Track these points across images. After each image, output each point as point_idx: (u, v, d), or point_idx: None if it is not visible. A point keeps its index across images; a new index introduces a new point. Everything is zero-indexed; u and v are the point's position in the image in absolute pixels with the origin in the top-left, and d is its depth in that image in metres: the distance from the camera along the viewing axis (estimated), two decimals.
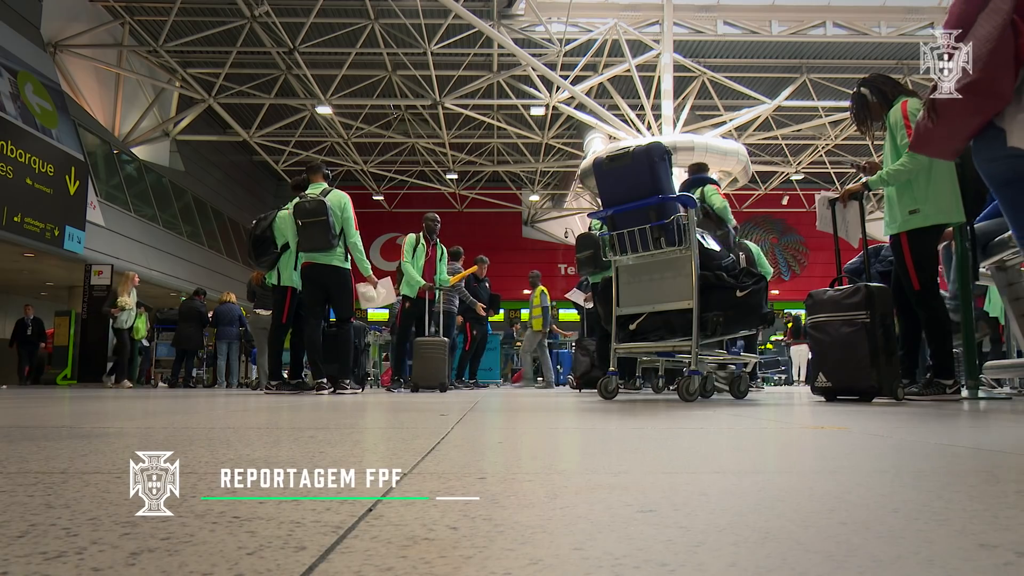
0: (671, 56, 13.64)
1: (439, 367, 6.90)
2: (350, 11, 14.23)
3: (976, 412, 2.81)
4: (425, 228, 7.51)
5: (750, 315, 4.12)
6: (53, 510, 0.71)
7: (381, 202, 23.18)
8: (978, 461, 1.22)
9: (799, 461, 1.31)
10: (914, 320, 3.90)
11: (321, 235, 5.45)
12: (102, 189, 13.74)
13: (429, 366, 6.83)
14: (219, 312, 11.21)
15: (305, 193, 5.66)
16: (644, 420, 2.36)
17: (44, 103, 11.94)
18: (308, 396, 5.03)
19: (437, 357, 6.91)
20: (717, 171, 14.00)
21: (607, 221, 4.31)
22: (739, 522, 0.66)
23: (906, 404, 3.33)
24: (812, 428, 1.98)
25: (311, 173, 5.89)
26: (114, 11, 14.41)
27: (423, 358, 6.86)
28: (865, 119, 3.94)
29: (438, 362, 6.89)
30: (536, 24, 14.36)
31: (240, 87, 16.18)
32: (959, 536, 0.61)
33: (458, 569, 0.50)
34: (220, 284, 16.51)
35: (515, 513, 0.71)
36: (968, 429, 2.04)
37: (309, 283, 5.68)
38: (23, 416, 2.45)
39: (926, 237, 3.70)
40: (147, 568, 0.50)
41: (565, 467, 1.11)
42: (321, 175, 5.85)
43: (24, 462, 1.11)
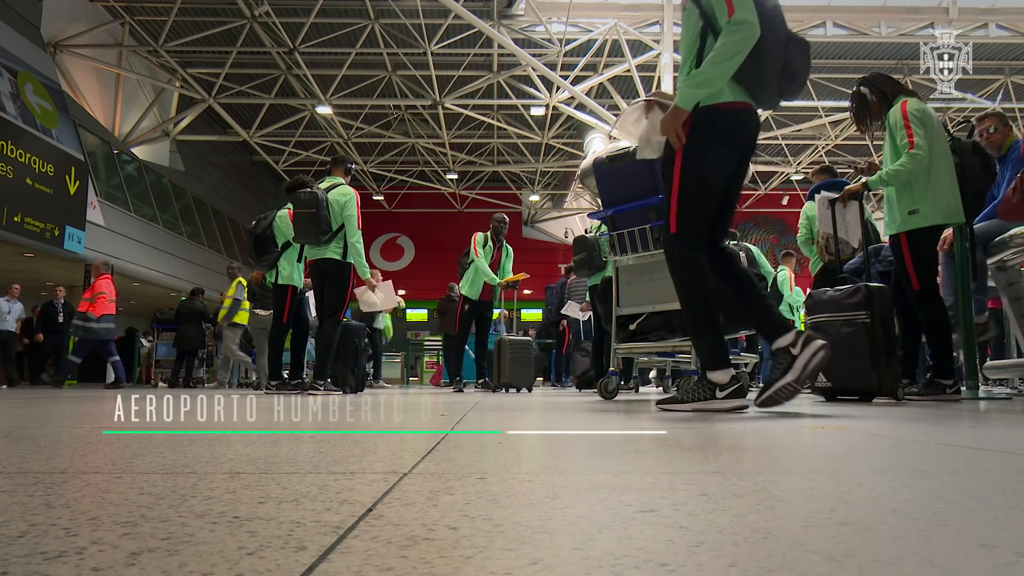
0: (671, 56, 13.63)
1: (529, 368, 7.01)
2: (350, 11, 14.23)
3: (976, 412, 2.81)
4: (492, 229, 7.41)
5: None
6: (53, 510, 0.71)
7: (381, 202, 23.19)
8: (978, 461, 1.22)
9: (799, 461, 1.31)
10: (914, 320, 3.90)
11: (310, 228, 5.24)
12: (102, 189, 13.73)
13: (521, 367, 6.87)
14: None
15: (308, 186, 5.58)
16: (644, 420, 2.36)
17: (44, 103, 11.94)
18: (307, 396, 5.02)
19: (527, 357, 7.01)
20: None
21: (607, 221, 4.32)
22: (739, 522, 0.66)
23: (906, 404, 3.33)
24: (812, 428, 1.98)
25: (333, 166, 5.75)
26: (114, 11, 14.41)
27: (516, 359, 6.87)
28: (864, 118, 3.94)
29: (528, 362, 6.99)
30: (536, 24, 14.36)
31: (240, 87, 16.19)
32: (959, 536, 0.61)
33: (458, 569, 0.50)
34: (220, 284, 16.48)
35: (515, 513, 0.71)
36: (968, 429, 2.04)
37: (314, 280, 5.58)
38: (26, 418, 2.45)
39: (926, 237, 3.71)
40: (147, 568, 0.50)
41: (565, 467, 1.11)
42: (343, 170, 5.71)
43: (24, 462, 1.11)
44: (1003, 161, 4.14)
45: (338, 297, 5.47)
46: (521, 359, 6.92)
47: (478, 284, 7.30)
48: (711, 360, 2.51)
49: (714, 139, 2.42)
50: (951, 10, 14.14)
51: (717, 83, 2.35)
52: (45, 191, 11.48)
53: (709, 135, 2.41)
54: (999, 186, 4.10)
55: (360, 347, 6.38)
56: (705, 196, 2.45)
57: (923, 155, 3.57)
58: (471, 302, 7.29)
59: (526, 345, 7.06)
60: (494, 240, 7.40)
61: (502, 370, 6.84)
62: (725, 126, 2.42)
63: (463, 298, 7.32)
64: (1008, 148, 4.17)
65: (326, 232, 5.30)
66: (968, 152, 3.81)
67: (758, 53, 2.33)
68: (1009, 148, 4.16)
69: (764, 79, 2.41)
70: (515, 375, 6.87)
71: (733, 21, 2.30)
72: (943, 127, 3.84)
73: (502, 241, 7.48)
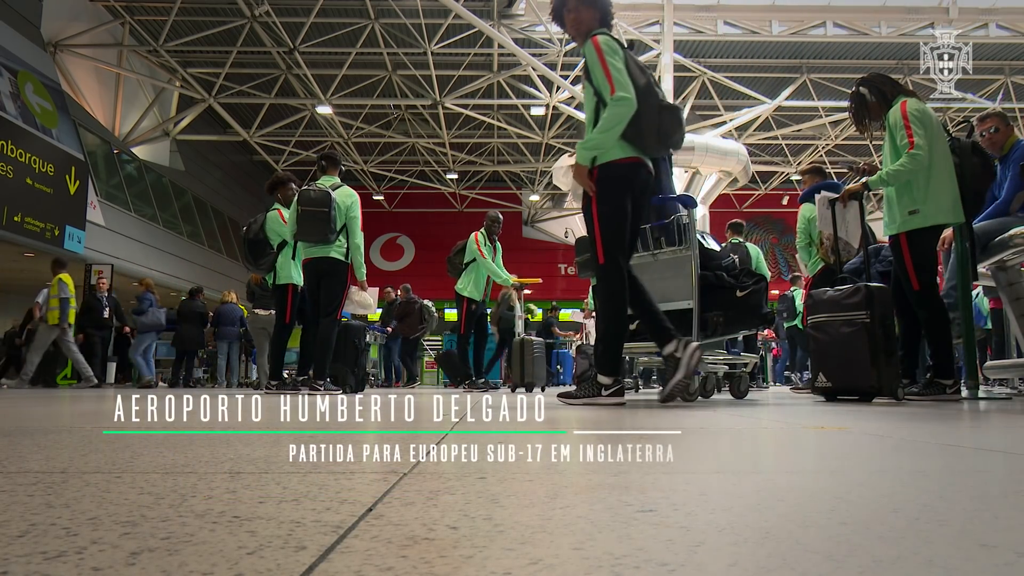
0: (671, 56, 13.64)
1: (543, 367, 7.17)
2: (350, 11, 14.23)
3: (976, 412, 2.81)
4: (486, 228, 7.40)
5: (750, 315, 4.13)
6: (53, 510, 0.71)
7: (381, 202, 23.19)
8: (978, 461, 1.22)
9: (799, 461, 1.31)
10: (914, 320, 3.90)
11: (320, 227, 5.22)
12: (102, 189, 13.73)
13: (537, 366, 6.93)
14: (221, 312, 11.21)
15: (312, 183, 5.55)
16: (644, 420, 2.36)
17: (44, 103, 11.94)
18: (308, 396, 5.01)
19: (543, 357, 7.22)
20: (717, 171, 14.01)
21: None
22: (739, 522, 0.66)
23: (906, 404, 3.33)
24: (812, 428, 1.98)
25: (329, 164, 5.70)
26: (114, 11, 14.40)
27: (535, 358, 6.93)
28: (864, 118, 3.94)
29: (542, 362, 7.10)
30: (536, 24, 14.36)
31: (240, 87, 16.19)
32: (959, 536, 0.61)
33: (458, 569, 0.50)
34: (220, 284, 16.49)
35: (515, 513, 0.71)
36: (968, 429, 2.04)
37: (310, 278, 5.53)
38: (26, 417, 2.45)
39: (926, 237, 3.70)
40: (147, 568, 0.50)
41: (565, 467, 1.11)
42: (337, 169, 5.70)
43: (24, 462, 1.11)
44: (1004, 161, 4.14)
45: (336, 296, 5.46)
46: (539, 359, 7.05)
47: (482, 284, 7.28)
48: (604, 366, 3.13)
49: (615, 186, 3.08)
50: (951, 10, 14.14)
51: (604, 146, 3.04)
52: (45, 191, 11.47)
53: (611, 183, 3.08)
54: (999, 186, 4.09)
55: (360, 347, 6.36)
56: (618, 228, 3.09)
57: (923, 155, 3.57)
58: (476, 302, 7.28)
59: (542, 345, 7.20)
60: (489, 240, 7.41)
61: (525, 369, 6.87)
62: (622, 175, 3.09)
63: (467, 299, 7.31)
64: (1009, 148, 4.17)
65: (334, 231, 5.29)
66: (968, 152, 3.81)
67: (637, 120, 2.99)
68: (1011, 148, 4.16)
69: (645, 139, 3.06)
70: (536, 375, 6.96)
71: (615, 98, 2.95)
72: (943, 127, 3.84)
73: (495, 239, 7.50)
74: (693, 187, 13.64)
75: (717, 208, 16.50)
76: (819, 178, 5.94)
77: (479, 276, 7.25)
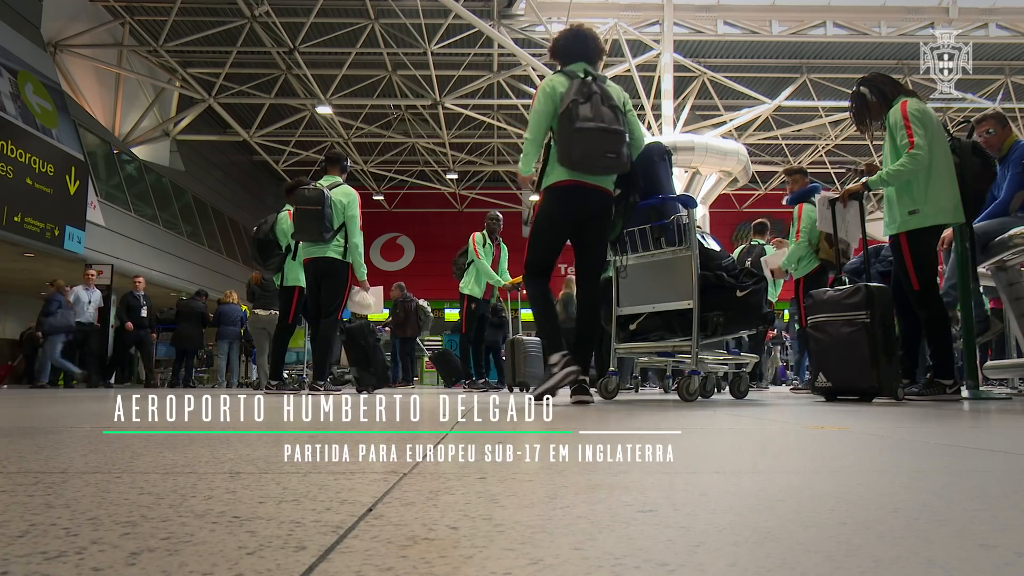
0: (671, 56, 13.64)
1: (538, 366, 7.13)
2: (350, 11, 14.23)
3: (976, 412, 2.81)
4: (487, 228, 7.42)
5: (750, 315, 4.12)
6: (53, 510, 0.71)
7: (381, 202, 23.17)
8: (978, 461, 1.22)
9: (799, 461, 1.31)
10: (914, 320, 3.90)
11: (313, 225, 5.19)
12: (102, 189, 13.73)
13: (530, 365, 6.93)
14: (222, 312, 11.21)
15: (311, 181, 5.53)
16: (644, 420, 2.36)
17: (44, 103, 11.94)
18: (307, 396, 5.01)
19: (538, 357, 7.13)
20: (717, 171, 14.01)
21: None
22: (739, 522, 0.66)
23: (906, 404, 3.33)
24: (812, 428, 1.98)
25: (330, 164, 5.70)
26: (114, 11, 14.40)
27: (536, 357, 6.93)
28: (864, 118, 3.94)
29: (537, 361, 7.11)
30: (536, 24, 14.35)
31: (240, 87, 16.17)
32: (959, 536, 0.61)
33: (458, 569, 0.50)
34: (220, 284, 16.49)
35: (515, 513, 0.71)
36: (968, 429, 2.04)
37: (310, 278, 5.53)
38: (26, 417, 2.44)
39: (926, 237, 3.70)
40: (147, 568, 0.50)
41: (565, 467, 1.11)
42: (339, 168, 5.68)
43: (24, 462, 1.11)
44: (1003, 161, 4.14)
45: (336, 296, 5.45)
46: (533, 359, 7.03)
47: (483, 282, 7.32)
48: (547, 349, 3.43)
49: (552, 206, 3.46)
50: (951, 10, 14.14)
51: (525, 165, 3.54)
52: (45, 191, 11.47)
53: (548, 204, 3.47)
54: (999, 186, 4.10)
55: (367, 346, 6.31)
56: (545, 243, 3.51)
57: (923, 155, 3.57)
58: (476, 301, 7.31)
59: (537, 344, 7.17)
60: (492, 239, 7.42)
61: (517, 369, 6.87)
62: (559, 197, 3.45)
63: (468, 298, 7.34)
64: (1008, 148, 4.17)
65: (329, 230, 5.27)
66: (968, 152, 3.81)
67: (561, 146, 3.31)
68: (1009, 148, 4.16)
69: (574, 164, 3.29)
70: (530, 374, 6.95)
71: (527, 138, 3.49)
72: (943, 127, 3.84)
73: (499, 239, 7.50)
74: (693, 187, 13.63)
75: (717, 208, 16.50)
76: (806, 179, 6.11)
77: (480, 275, 7.29)
